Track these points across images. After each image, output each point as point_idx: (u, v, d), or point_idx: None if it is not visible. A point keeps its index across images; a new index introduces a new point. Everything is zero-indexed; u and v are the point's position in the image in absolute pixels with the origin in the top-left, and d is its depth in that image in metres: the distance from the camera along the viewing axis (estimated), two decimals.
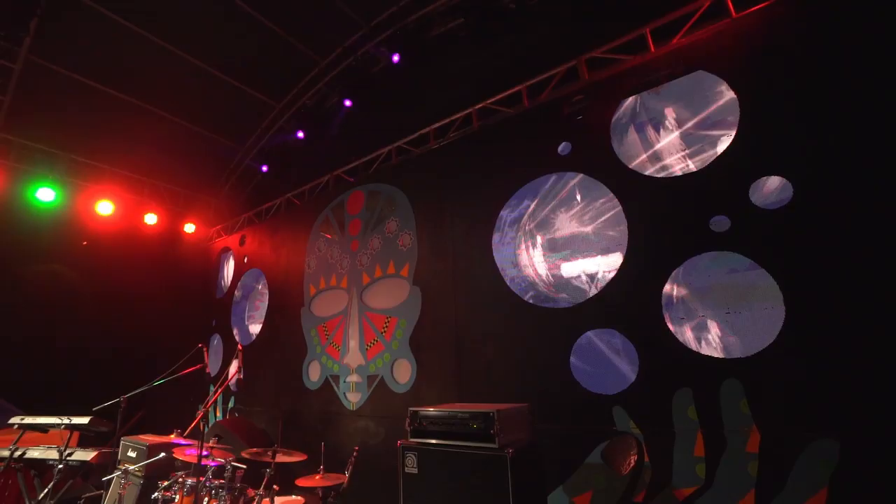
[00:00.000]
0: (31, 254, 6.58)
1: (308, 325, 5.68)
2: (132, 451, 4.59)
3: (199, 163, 7.99)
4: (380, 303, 4.99)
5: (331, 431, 4.91)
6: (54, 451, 4.68)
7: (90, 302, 6.90)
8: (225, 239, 7.92)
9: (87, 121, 6.78)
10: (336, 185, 6.20)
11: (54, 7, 5.48)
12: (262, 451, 3.53)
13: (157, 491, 3.88)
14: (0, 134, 6.47)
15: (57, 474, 4.65)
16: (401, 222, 5.03)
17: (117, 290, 7.19)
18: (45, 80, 6.16)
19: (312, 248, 5.99)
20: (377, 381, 4.75)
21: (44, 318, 6.51)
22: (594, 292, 3.67)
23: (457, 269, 4.46)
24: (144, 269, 7.54)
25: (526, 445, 2.79)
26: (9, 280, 6.31)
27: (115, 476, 4.33)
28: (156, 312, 7.46)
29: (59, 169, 6.87)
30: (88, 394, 5.00)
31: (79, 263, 6.97)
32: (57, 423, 4.83)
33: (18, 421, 4.81)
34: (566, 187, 3.99)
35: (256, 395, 6.06)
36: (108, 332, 6.93)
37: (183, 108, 7.06)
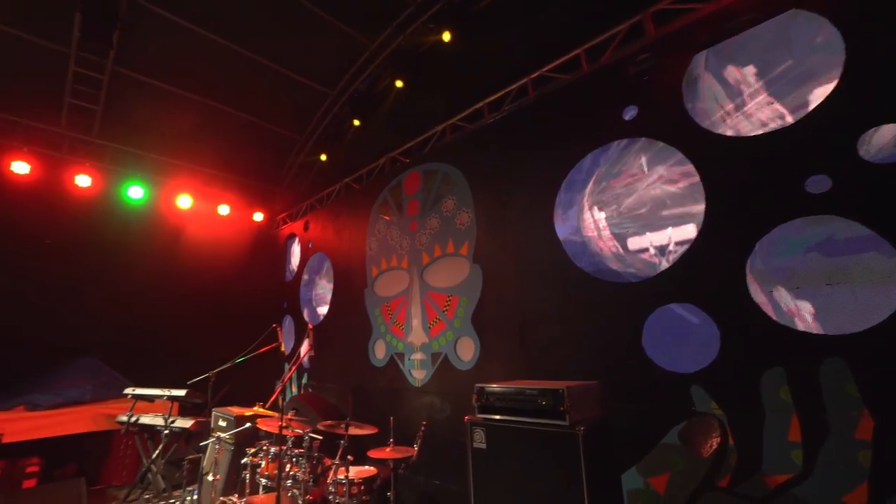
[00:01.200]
0: (128, 246, 7.31)
1: (372, 306, 5.87)
2: (222, 421, 5.03)
3: (263, 154, 8.40)
4: (440, 282, 5.03)
5: (398, 406, 5.08)
6: (160, 418, 5.27)
7: (180, 288, 7.59)
8: (290, 225, 8.34)
9: (165, 122, 7.32)
10: (392, 167, 6.26)
11: (130, 18, 5.90)
12: (335, 423, 3.74)
13: (246, 457, 4.24)
14: (96, 140, 7.16)
15: (164, 438, 5.24)
16: (458, 200, 4.99)
17: (200, 276, 7.85)
18: (128, 88, 6.71)
19: (373, 231, 6.14)
20: (441, 358, 4.82)
21: (144, 303, 7.27)
22: (666, 266, 3.44)
23: (517, 245, 4.37)
24: (221, 256, 8.16)
25: (597, 423, 2.72)
26: (112, 270, 7.07)
27: (210, 442, 4.78)
28: (234, 296, 8.07)
29: (145, 168, 7.53)
30: (183, 370, 5.56)
31: (167, 254, 7.66)
32: (160, 394, 5.42)
33: (131, 392, 5.45)
34: (633, 154, 3.74)
35: (327, 372, 6.40)
36: (196, 316, 7.61)
37: (247, 103, 7.41)
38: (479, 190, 4.85)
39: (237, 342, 6.00)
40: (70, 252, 6.79)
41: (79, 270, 6.81)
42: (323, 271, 7.38)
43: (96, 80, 6.49)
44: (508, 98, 4.91)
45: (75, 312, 6.67)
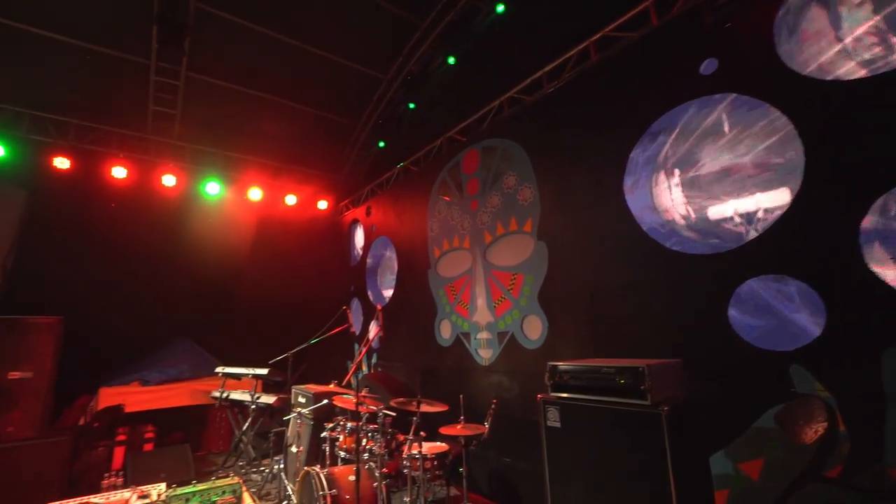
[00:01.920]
0: (210, 238, 7.93)
1: (436, 286, 5.93)
2: (301, 398, 5.36)
3: (324, 144, 8.68)
4: (504, 260, 4.95)
5: (465, 385, 5.13)
6: (247, 394, 5.73)
7: (257, 275, 8.16)
8: (353, 211, 8.61)
9: (233, 120, 7.77)
10: (449, 147, 6.21)
11: (198, 24, 6.24)
12: (407, 401, 3.84)
13: (325, 431, 4.50)
14: (177, 142, 7.76)
15: (251, 413, 5.71)
16: (519, 176, 4.85)
17: (274, 263, 8.38)
18: (200, 91, 7.16)
19: (433, 212, 6.16)
20: (508, 337, 4.78)
21: (227, 289, 7.90)
22: (755, 234, 3.11)
23: (585, 219, 4.17)
24: (292, 244, 8.65)
25: (681, 403, 2.55)
26: (198, 261, 7.71)
27: (292, 417, 5.13)
28: (305, 281, 8.55)
29: (220, 165, 8.06)
30: (264, 350, 5.99)
31: (243, 243, 8.23)
32: (246, 372, 5.89)
33: (221, 370, 5.97)
34: (713, 113, 3.39)
35: (395, 352, 6.60)
36: (272, 300, 8.17)
37: (306, 95, 7.65)
38: (541, 164, 4.67)
39: (310, 324, 6.36)
40: (162, 246, 7.50)
41: (170, 262, 7.51)
42: (386, 254, 7.57)
43: (173, 87, 7.00)
44: (569, 64, 4.64)
45: (170, 300, 7.40)
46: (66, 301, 6.26)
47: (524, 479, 4.39)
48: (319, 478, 3.90)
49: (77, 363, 6.07)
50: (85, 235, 6.88)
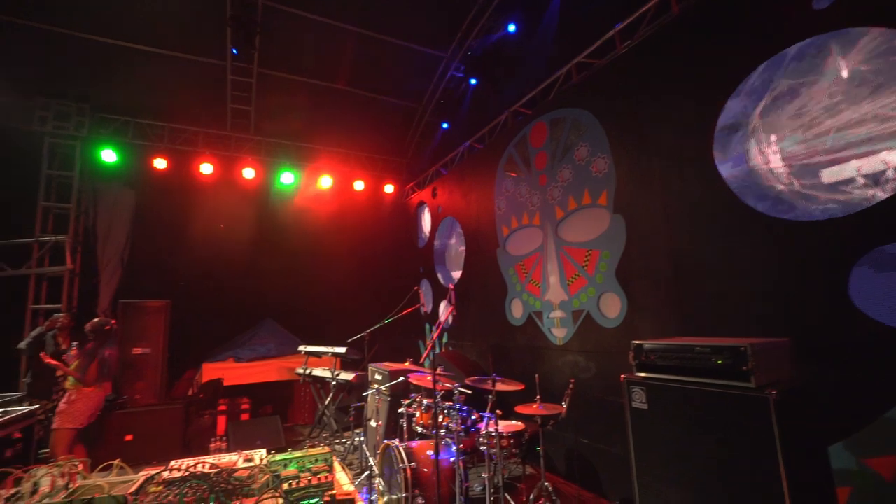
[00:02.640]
0: (287, 225, 8.42)
1: (505, 265, 5.83)
2: (378, 375, 5.56)
3: (388, 128, 8.80)
4: (577, 236, 4.72)
5: (539, 365, 5.04)
6: (328, 371, 6.07)
7: (331, 259, 8.57)
8: (419, 193, 8.68)
9: (303, 111, 8.09)
10: (514, 122, 6.00)
11: (265, 20, 6.51)
12: (483, 379, 3.83)
13: (402, 407, 4.64)
14: (254, 137, 8.26)
15: (332, 388, 6.05)
16: (592, 146, 4.56)
17: (347, 248, 8.74)
18: (271, 86, 7.52)
19: (500, 190, 6.02)
20: (583, 316, 4.59)
21: (305, 273, 8.39)
22: (883, 196, 2.66)
23: (667, 188, 3.83)
24: (362, 228, 8.95)
25: (790, 388, 2.28)
26: (277, 247, 8.24)
27: (371, 393, 5.36)
28: (376, 265, 8.84)
29: (293, 156, 8.47)
30: (341, 330, 6.29)
31: (317, 229, 8.64)
32: (326, 351, 6.22)
33: (303, 349, 6.37)
34: (826, 57, 2.91)
35: (465, 332, 6.64)
36: (347, 283, 8.55)
37: (369, 81, 7.76)
38: (615, 132, 4.35)
39: (383, 305, 6.57)
40: (247, 235, 8.10)
41: (253, 249, 8.09)
42: (454, 235, 7.58)
43: (247, 84, 7.41)
44: (645, 19, 4.24)
45: (256, 284, 8.00)
46: (172, 287, 7.00)
47: (604, 461, 4.25)
48: (399, 451, 4.04)
49: (183, 341, 6.81)
50: (183, 228, 7.61)
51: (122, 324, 5.96)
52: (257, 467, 2.11)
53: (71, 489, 1.72)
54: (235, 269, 7.88)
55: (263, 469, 2.14)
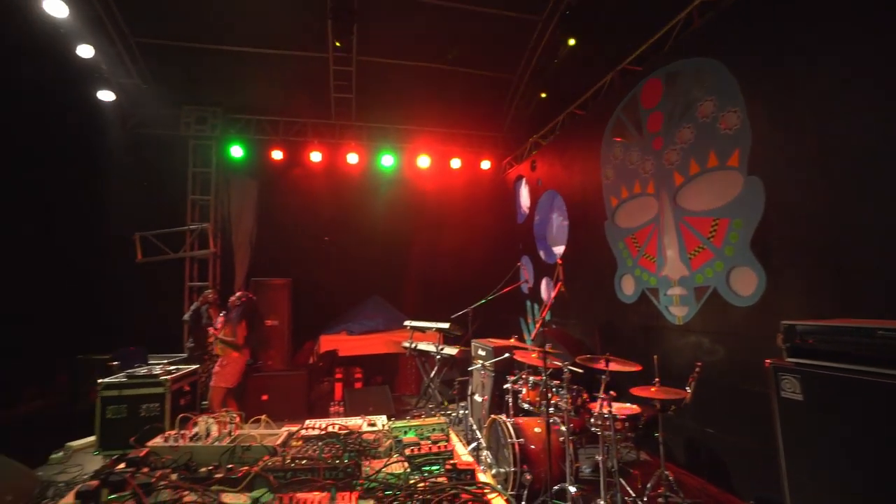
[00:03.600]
0: (389, 206, 8.78)
1: (614, 239, 5.44)
2: (481, 351, 5.61)
3: (483, 103, 8.63)
4: (701, 203, 4.20)
5: (654, 345, 4.65)
6: (432, 346, 6.29)
7: (432, 237, 8.79)
8: (516, 168, 8.46)
9: (399, 94, 8.27)
10: (622, 82, 5.48)
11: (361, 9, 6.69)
12: (595, 357, 3.64)
13: (507, 383, 4.63)
14: (356, 124, 8.67)
15: (437, 362, 6.26)
16: (719, 100, 3.96)
17: (447, 225, 8.88)
18: (369, 72, 7.78)
19: (607, 158, 5.58)
20: (708, 293, 4.10)
21: (408, 252, 8.74)
22: None
23: (822, 142, 3.19)
24: (460, 206, 9.00)
25: None
26: (382, 227, 8.65)
27: (476, 368, 5.43)
28: (475, 242, 8.87)
29: (392, 139, 8.75)
30: (444, 306, 6.44)
31: (419, 209, 8.89)
32: (430, 326, 6.42)
33: (409, 324, 6.66)
34: None
35: (569, 309, 6.38)
36: (447, 260, 8.73)
37: (462, 57, 7.63)
38: (751, 79, 3.71)
39: (483, 282, 6.58)
40: (354, 217, 8.63)
41: (362, 231, 8.60)
42: (555, 208, 7.27)
43: (348, 73, 7.75)
44: None
45: (363, 263, 8.54)
46: (292, 266, 7.77)
47: (734, 455, 3.82)
48: (507, 426, 4.05)
49: (302, 315, 7.56)
50: (299, 212, 8.35)
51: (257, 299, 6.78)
52: (381, 432, 2.23)
53: (233, 436, 1.98)
54: (345, 250, 8.48)
55: (386, 434, 2.26)
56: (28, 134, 5.92)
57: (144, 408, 4.73)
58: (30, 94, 5.70)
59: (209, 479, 1.64)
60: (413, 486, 1.76)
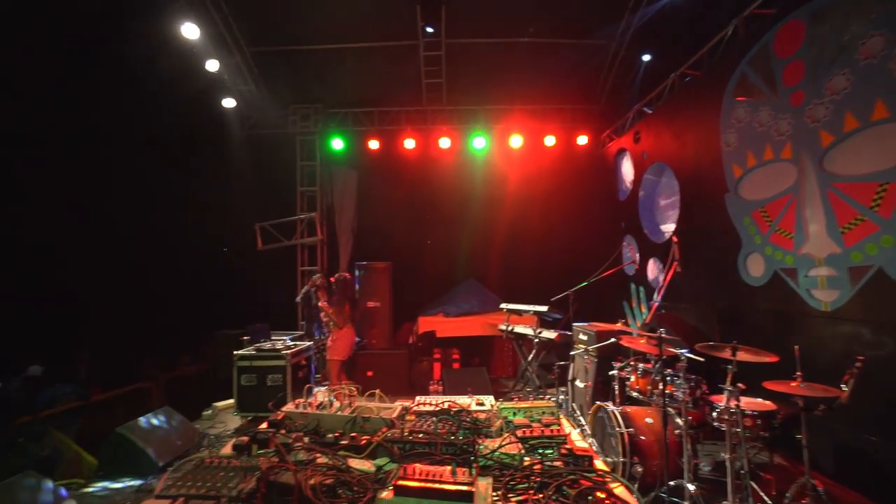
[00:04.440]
0: (482, 189, 8.72)
1: (738, 213, 4.79)
2: (583, 335, 5.38)
3: (577, 75, 8.12)
4: (859, 166, 3.49)
5: (790, 335, 4.03)
6: (529, 329, 6.17)
7: (527, 219, 8.60)
8: (617, 141, 7.85)
9: (490, 73, 8.10)
10: (746, 31, 4.74)
11: None
12: (719, 345, 3.26)
13: (613, 370, 4.37)
14: (446, 108, 8.70)
15: (535, 346, 6.14)
16: (891, 33, 3.22)
17: (542, 206, 8.62)
18: (458, 55, 7.72)
19: (727, 122, 4.91)
20: (870, 273, 3.42)
21: (503, 234, 8.65)
22: None
23: None
24: (556, 185, 8.64)
25: None
26: (474, 211, 8.65)
27: (579, 353, 5.23)
28: (572, 222, 8.48)
29: (482, 120, 8.64)
30: (539, 289, 6.27)
31: (512, 190, 8.72)
32: (527, 309, 6.30)
33: (505, 306, 6.61)
34: None
35: (681, 292, 5.79)
36: (544, 242, 8.50)
37: (554, 27, 7.23)
38: None
39: (581, 264, 6.29)
40: (448, 202, 8.75)
41: (453, 214, 8.71)
42: (662, 182, 6.61)
43: (437, 58, 7.78)
44: None
45: (458, 246, 8.66)
46: (391, 250, 8.14)
47: None
48: (614, 415, 3.84)
49: (401, 297, 7.90)
50: (395, 199, 8.68)
51: (359, 282, 7.24)
52: (491, 412, 2.21)
53: (353, 407, 2.11)
54: (440, 234, 8.67)
55: (496, 414, 2.24)
56: (173, 142, 6.91)
57: (270, 378, 5.33)
58: (174, 107, 6.63)
59: (336, 444, 1.76)
60: (529, 467, 1.72)
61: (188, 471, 1.42)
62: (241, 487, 1.31)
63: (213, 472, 1.39)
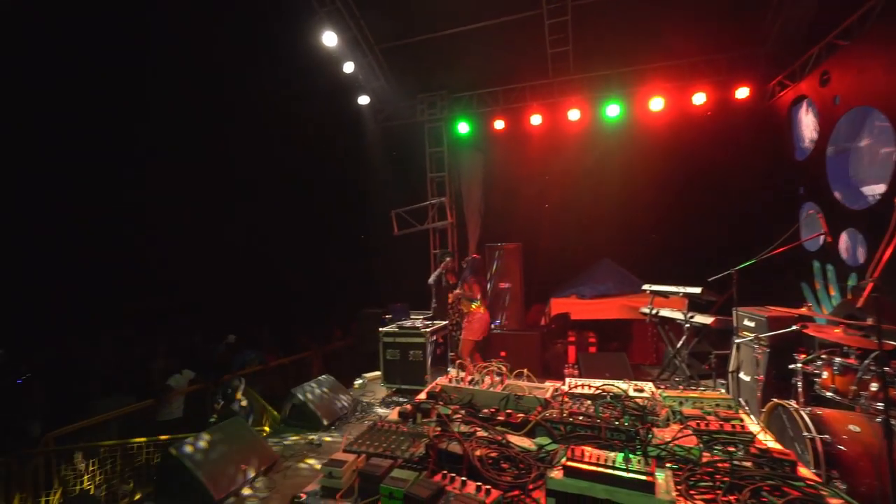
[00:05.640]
0: (615, 162, 8.01)
1: None
2: (749, 321, 4.63)
3: (730, 18, 6.86)
4: None
5: None
6: (678, 313, 5.53)
7: (671, 192, 7.66)
8: (793, 88, 6.46)
9: (622, 31, 7.31)
10: None
11: None
12: None
13: (795, 363, 3.67)
14: (574, 77, 8.14)
15: (685, 331, 5.49)
16: None
17: (690, 175, 7.58)
18: (586, 16, 7.11)
19: None
20: None
21: (640, 210, 7.87)
22: None
23: None
24: (708, 149, 7.47)
25: None
26: (607, 186, 8.00)
27: (745, 341, 4.53)
28: (729, 190, 7.31)
29: (615, 85, 7.89)
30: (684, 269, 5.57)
31: (650, 160, 7.85)
32: (676, 291, 5.65)
33: (649, 288, 6.03)
34: None
35: None
36: (692, 215, 7.50)
37: None
38: None
39: (742, 238, 5.39)
40: (579, 178, 8.26)
41: (587, 191, 8.19)
42: (866, 131, 5.22)
43: (563, 24, 7.28)
44: None
45: (590, 225, 8.16)
46: (521, 231, 8.03)
47: None
48: (802, 417, 3.21)
49: (531, 278, 7.75)
50: (523, 178, 8.52)
51: (488, 263, 7.29)
52: (655, 400, 2.00)
53: (504, 385, 2.09)
54: (571, 212, 8.25)
55: (660, 402, 2.02)
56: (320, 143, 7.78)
57: (411, 353, 5.70)
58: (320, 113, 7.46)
59: (492, 419, 1.75)
60: (712, 464, 1.49)
61: (364, 431, 1.54)
62: (412, 451, 1.37)
63: (386, 435, 1.49)
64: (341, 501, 1.27)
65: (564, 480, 1.26)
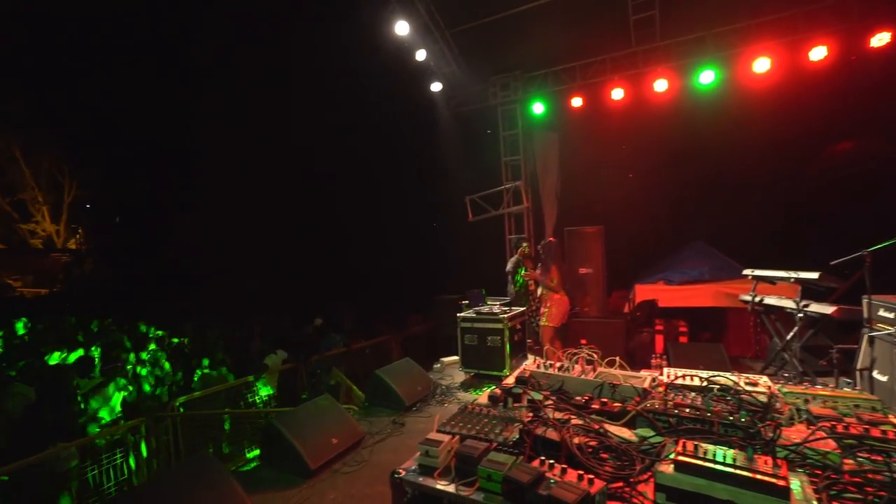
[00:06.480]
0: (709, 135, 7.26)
1: None
2: (886, 311, 3.98)
3: None
4: None
5: None
6: (790, 301, 4.92)
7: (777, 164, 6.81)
8: None
9: None
10: None
11: None
12: None
13: None
14: (661, 44, 7.44)
15: (797, 322, 4.87)
16: None
17: (800, 145, 6.65)
18: None
19: None
20: None
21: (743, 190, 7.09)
22: None
23: None
24: (826, 114, 6.46)
25: None
26: (698, 163, 7.30)
27: (881, 335, 3.91)
28: (858, 156, 6.29)
29: (709, 50, 7.09)
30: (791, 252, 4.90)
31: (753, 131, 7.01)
32: (786, 276, 5.02)
33: (751, 272, 5.43)
34: None
35: None
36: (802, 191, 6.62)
37: None
38: None
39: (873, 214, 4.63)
40: (667, 156, 7.63)
41: (673, 168, 7.55)
42: None
43: None
44: None
45: (680, 206, 7.52)
46: (602, 213, 7.61)
47: None
48: None
49: (613, 263, 7.33)
50: (603, 157, 8.06)
51: (568, 248, 7.00)
52: (777, 396, 1.77)
53: (596, 372, 1.98)
54: (658, 191, 7.65)
55: (781, 398, 1.78)
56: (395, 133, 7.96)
57: (490, 339, 5.68)
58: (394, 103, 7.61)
59: (586, 407, 1.66)
60: (860, 473, 1.28)
61: (455, 413, 1.54)
62: (506, 435, 1.34)
63: (478, 418, 1.47)
64: (439, 479, 1.28)
65: (676, 475, 1.15)
